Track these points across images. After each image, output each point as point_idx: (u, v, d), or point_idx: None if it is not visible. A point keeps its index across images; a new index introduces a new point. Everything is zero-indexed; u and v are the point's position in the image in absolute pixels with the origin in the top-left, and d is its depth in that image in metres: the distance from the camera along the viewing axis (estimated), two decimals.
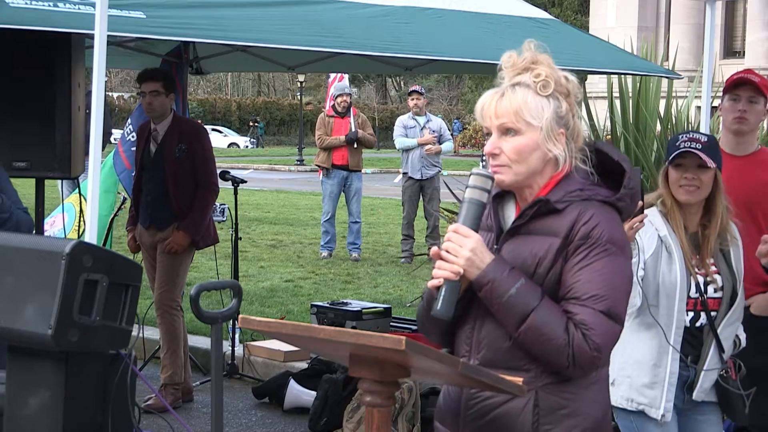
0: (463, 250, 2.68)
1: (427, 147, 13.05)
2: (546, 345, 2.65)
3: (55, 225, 8.35)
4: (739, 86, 4.86)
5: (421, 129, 13.22)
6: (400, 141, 13.20)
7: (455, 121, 51.02)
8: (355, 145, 13.17)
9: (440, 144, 13.35)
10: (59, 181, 7.91)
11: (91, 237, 4.80)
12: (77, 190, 8.24)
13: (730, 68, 21.80)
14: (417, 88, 13.73)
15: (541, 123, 2.74)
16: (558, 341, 2.64)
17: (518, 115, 2.74)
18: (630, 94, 7.81)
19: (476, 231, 2.72)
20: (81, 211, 7.69)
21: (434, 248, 2.74)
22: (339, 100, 13.42)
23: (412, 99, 13.50)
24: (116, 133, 12.46)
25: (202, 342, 8.08)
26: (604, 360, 2.69)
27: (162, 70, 7.17)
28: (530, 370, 2.71)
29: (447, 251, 2.69)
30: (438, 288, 2.68)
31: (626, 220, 2.84)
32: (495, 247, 2.80)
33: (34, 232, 6.06)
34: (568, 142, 2.78)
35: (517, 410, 2.72)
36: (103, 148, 9.92)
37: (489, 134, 2.81)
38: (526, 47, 2.82)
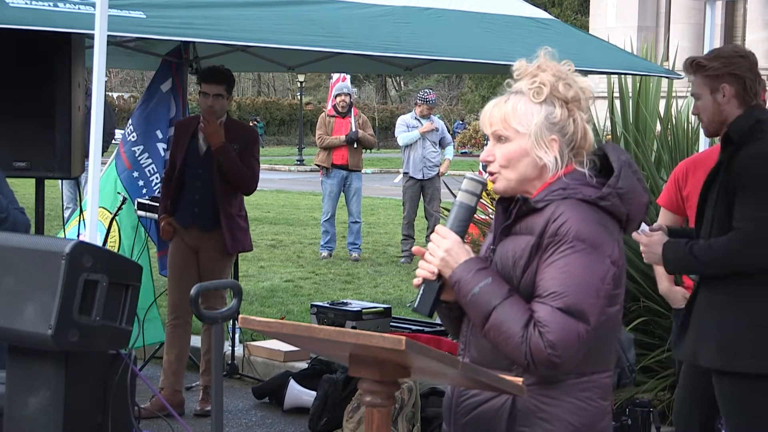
0: (439, 250, 2.74)
1: (441, 170, 13.14)
2: (505, 343, 2.65)
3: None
4: None
5: None
6: (402, 136, 13.16)
7: (458, 122, 50.90)
8: (355, 145, 13.17)
9: (441, 146, 13.41)
10: (59, 181, 7.87)
11: (91, 237, 4.80)
12: (82, 204, 8.16)
13: None
14: (431, 98, 13.64)
15: (528, 130, 2.75)
16: (515, 339, 2.63)
17: (506, 123, 2.77)
18: (630, 94, 7.81)
19: (462, 233, 2.77)
20: (109, 225, 7.50)
21: (416, 247, 2.88)
22: (338, 99, 13.43)
23: (419, 106, 13.48)
24: (117, 134, 12.43)
25: None
26: (567, 359, 2.62)
27: (226, 72, 6.93)
28: (511, 371, 2.71)
29: (428, 251, 2.76)
30: (419, 286, 2.77)
31: (630, 225, 2.81)
32: (492, 247, 2.83)
33: (33, 231, 6.06)
34: (563, 148, 2.77)
35: (494, 410, 2.73)
36: (107, 148, 9.87)
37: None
38: (539, 54, 2.82)
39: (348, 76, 14.03)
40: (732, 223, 4.14)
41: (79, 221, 7.53)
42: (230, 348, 7.79)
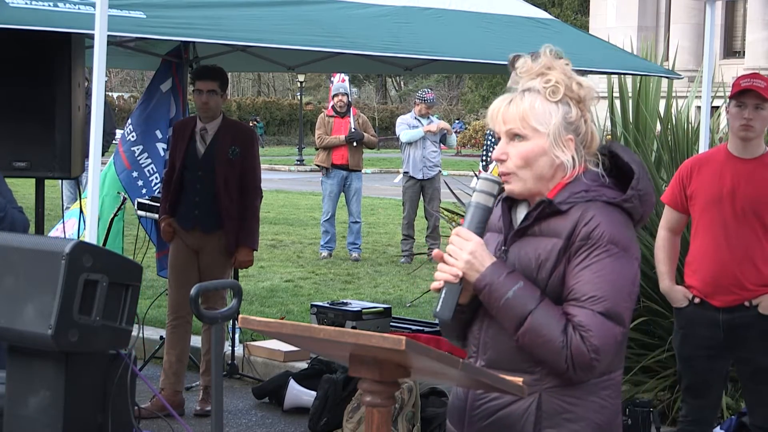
0: (462, 253, 2.69)
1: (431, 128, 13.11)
2: (544, 347, 2.64)
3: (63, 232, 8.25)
4: (744, 93, 4.88)
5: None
6: (405, 133, 13.13)
7: (456, 122, 50.88)
8: (355, 144, 13.18)
9: (443, 143, 13.40)
10: (59, 181, 7.86)
11: (91, 237, 4.80)
12: (81, 195, 8.18)
13: (730, 68, 21.67)
14: (429, 97, 13.64)
15: (548, 129, 2.73)
16: (555, 343, 2.62)
17: (524, 121, 2.74)
18: (630, 94, 7.81)
19: (481, 235, 2.73)
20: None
21: (436, 250, 2.76)
22: (336, 99, 13.47)
23: (417, 105, 13.46)
24: (118, 134, 12.42)
25: None
26: (604, 362, 2.65)
27: (219, 69, 6.94)
28: (535, 373, 2.69)
29: (449, 254, 2.70)
30: (439, 290, 2.71)
31: (639, 224, 2.82)
32: (503, 248, 2.79)
33: (33, 231, 6.06)
34: (578, 147, 2.76)
35: (520, 412, 2.70)
36: (108, 148, 9.88)
37: (499, 139, 2.81)
38: (542, 52, 2.80)
39: (347, 77, 14.04)
40: None
41: (80, 215, 7.55)
42: (230, 348, 7.78)
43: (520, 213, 2.84)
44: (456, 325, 2.85)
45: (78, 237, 7.94)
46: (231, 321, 7.54)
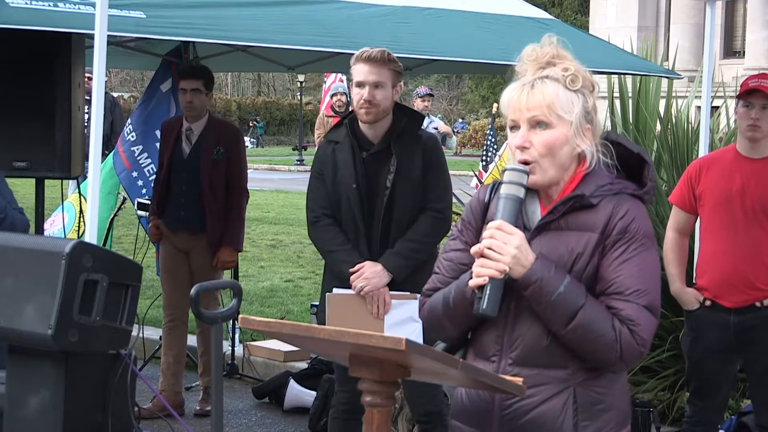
0: (508, 247, 2.62)
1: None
2: (595, 342, 2.64)
3: (54, 224, 8.31)
4: (752, 93, 4.88)
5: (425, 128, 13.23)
6: None
7: (459, 122, 50.84)
8: None
9: (442, 145, 13.41)
10: (66, 182, 7.85)
11: (91, 237, 4.80)
12: (77, 189, 8.21)
13: (730, 68, 21.67)
14: (421, 90, 13.67)
15: (572, 117, 2.72)
16: (607, 337, 2.63)
17: (551, 109, 2.70)
18: (630, 94, 7.81)
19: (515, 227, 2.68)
20: (81, 210, 7.58)
21: (475, 247, 2.67)
22: (335, 99, 13.49)
23: (424, 101, 13.46)
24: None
25: None
26: (646, 353, 2.70)
27: (204, 68, 6.93)
28: (568, 367, 2.70)
29: (491, 249, 2.63)
30: (481, 287, 2.63)
31: None
32: None
33: (33, 231, 6.06)
34: (594, 137, 2.77)
35: (557, 408, 2.69)
36: (111, 149, 9.90)
37: (514, 128, 2.75)
38: (546, 41, 2.78)
39: (344, 77, 14.04)
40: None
41: (80, 213, 7.55)
42: (230, 348, 7.78)
43: (531, 207, 2.80)
44: (464, 322, 2.79)
45: (70, 231, 7.97)
46: (231, 321, 7.53)
